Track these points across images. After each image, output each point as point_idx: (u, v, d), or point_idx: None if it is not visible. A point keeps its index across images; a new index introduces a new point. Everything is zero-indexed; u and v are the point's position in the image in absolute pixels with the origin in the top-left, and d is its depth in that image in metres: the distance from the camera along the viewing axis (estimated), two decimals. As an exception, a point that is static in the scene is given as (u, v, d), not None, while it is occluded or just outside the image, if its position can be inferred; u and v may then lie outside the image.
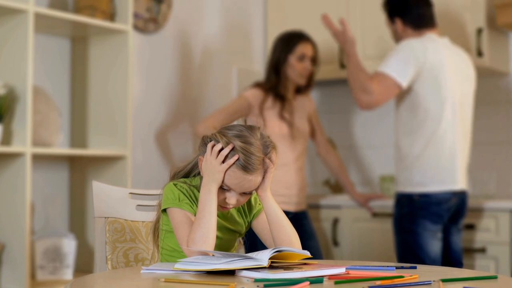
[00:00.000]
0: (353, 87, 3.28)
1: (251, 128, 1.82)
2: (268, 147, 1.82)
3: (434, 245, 3.19)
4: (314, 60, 3.51)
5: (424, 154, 3.21)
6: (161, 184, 1.89)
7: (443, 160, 3.21)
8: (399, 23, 3.35)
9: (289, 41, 3.49)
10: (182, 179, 1.90)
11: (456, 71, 3.28)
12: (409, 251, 3.20)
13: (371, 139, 4.41)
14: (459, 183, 3.25)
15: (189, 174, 1.93)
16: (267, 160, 1.81)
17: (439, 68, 3.21)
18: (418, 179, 3.21)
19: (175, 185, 1.85)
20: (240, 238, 1.96)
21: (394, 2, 3.39)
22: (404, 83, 3.18)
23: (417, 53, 3.19)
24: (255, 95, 3.43)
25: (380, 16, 3.95)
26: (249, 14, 4.47)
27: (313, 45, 3.52)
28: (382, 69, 3.21)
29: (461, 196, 3.27)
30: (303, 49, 3.47)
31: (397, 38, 3.39)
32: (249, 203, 1.92)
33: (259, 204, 1.92)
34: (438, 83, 3.20)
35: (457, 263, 3.30)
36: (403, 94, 3.27)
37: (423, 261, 3.13)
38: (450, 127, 3.22)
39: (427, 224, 3.17)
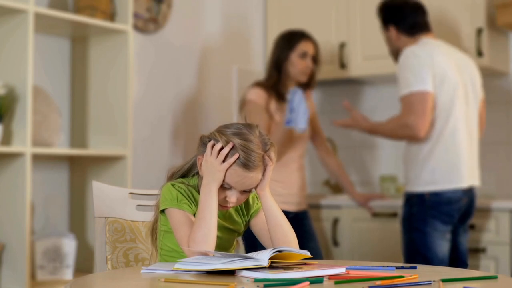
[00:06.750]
0: (396, 136, 3.30)
1: (249, 126, 1.83)
2: (267, 144, 1.82)
3: (443, 246, 3.17)
4: (315, 59, 3.51)
5: (433, 153, 3.21)
6: (161, 184, 1.89)
7: (452, 158, 3.20)
8: (393, 31, 3.37)
9: (291, 39, 3.49)
10: (179, 179, 1.90)
11: (458, 71, 3.28)
12: (417, 251, 3.18)
13: (371, 139, 4.41)
14: (469, 180, 3.23)
15: (187, 174, 1.93)
16: (266, 158, 1.81)
17: (444, 69, 3.21)
18: (427, 178, 3.20)
19: (172, 185, 1.85)
20: (238, 238, 1.96)
21: (388, 10, 3.41)
22: (429, 87, 3.15)
23: (423, 58, 3.18)
24: (259, 95, 3.41)
25: (380, 16, 3.95)
26: (249, 14, 4.47)
27: (315, 44, 3.52)
28: (403, 91, 3.20)
29: (470, 196, 3.26)
30: (305, 47, 3.47)
31: (391, 45, 3.41)
32: (246, 202, 1.92)
33: (257, 204, 1.92)
34: (444, 83, 3.20)
35: (462, 264, 3.29)
36: None
37: (430, 262, 3.12)
38: (458, 125, 3.22)
39: (437, 224, 3.16)
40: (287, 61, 3.46)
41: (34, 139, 3.15)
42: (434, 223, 3.17)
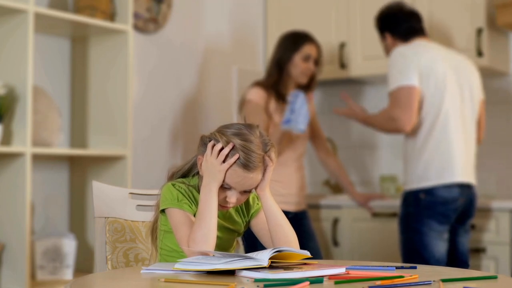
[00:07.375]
0: (384, 129, 3.33)
1: (250, 126, 1.83)
2: (267, 145, 1.82)
3: (440, 246, 3.18)
4: (317, 62, 3.52)
5: (425, 148, 3.22)
6: (161, 184, 1.89)
7: (444, 152, 3.21)
8: (388, 38, 3.43)
9: (296, 40, 3.50)
10: (180, 179, 1.90)
11: (454, 70, 3.29)
12: (414, 251, 3.19)
13: (371, 139, 4.41)
14: (462, 177, 3.23)
15: (188, 174, 1.93)
16: (267, 158, 1.81)
17: (431, 65, 3.23)
18: (420, 174, 3.21)
19: (173, 185, 1.85)
20: (238, 238, 1.96)
21: (383, 18, 3.46)
22: (414, 82, 3.18)
23: (409, 56, 3.22)
24: (259, 95, 3.41)
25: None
26: (249, 14, 4.47)
27: (318, 47, 3.53)
28: (390, 87, 3.24)
29: (468, 196, 3.26)
30: (309, 49, 3.48)
31: (388, 52, 3.44)
32: (247, 202, 1.92)
33: (257, 204, 1.92)
34: (431, 78, 3.21)
35: (463, 264, 3.29)
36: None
37: (427, 261, 3.13)
38: (449, 121, 3.23)
39: (433, 224, 3.17)
40: (290, 62, 3.46)
41: (34, 139, 3.15)
42: (430, 223, 3.17)
